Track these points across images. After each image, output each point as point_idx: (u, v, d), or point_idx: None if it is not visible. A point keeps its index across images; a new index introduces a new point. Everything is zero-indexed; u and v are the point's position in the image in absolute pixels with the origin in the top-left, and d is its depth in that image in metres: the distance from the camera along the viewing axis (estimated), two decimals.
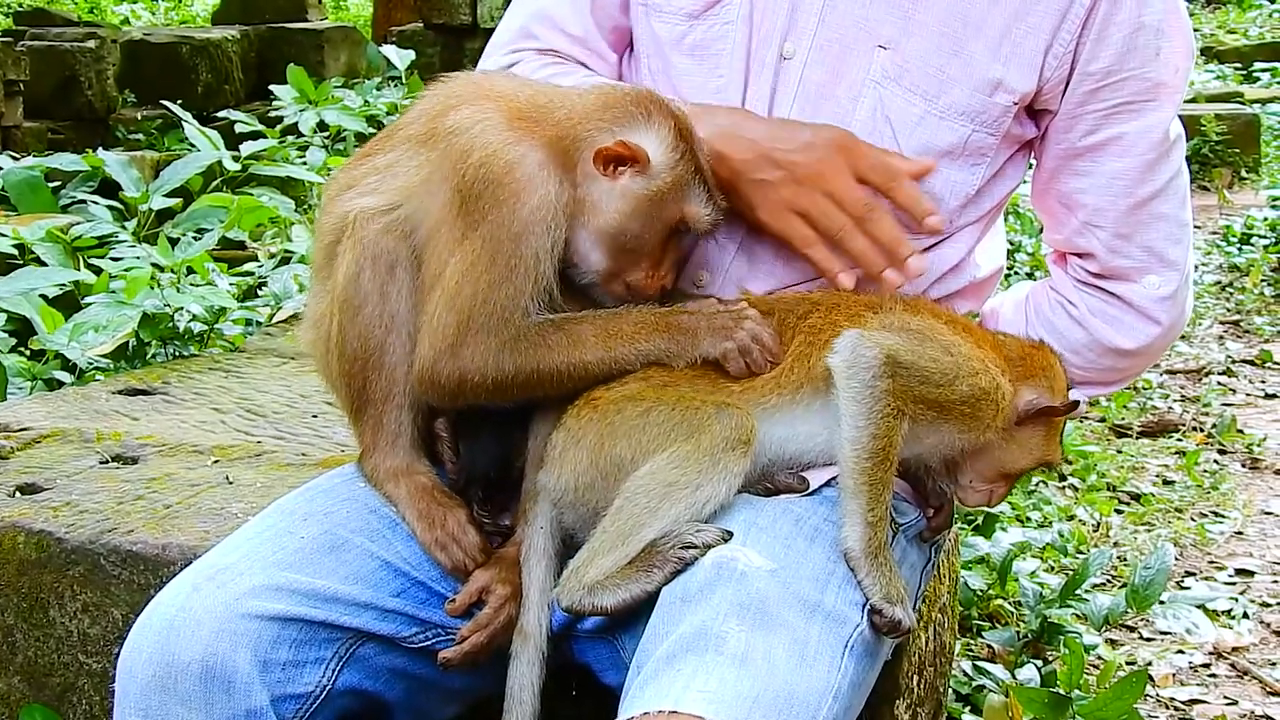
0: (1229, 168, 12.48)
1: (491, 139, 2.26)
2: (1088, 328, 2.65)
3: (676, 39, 2.60)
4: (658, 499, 2.18)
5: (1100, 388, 2.78)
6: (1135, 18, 2.48)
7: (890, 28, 2.47)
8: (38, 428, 3.44)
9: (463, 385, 2.26)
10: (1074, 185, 2.59)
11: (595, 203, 2.30)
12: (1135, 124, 2.53)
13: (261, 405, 3.77)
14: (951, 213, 2.54)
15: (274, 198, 7.44)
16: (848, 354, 2.26)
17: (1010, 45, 2.47)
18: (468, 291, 2.23)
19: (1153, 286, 2.61)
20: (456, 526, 2.35)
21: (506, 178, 2.23)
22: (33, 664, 2.86)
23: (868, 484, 2.22)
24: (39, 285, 5.15)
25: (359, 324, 2.34)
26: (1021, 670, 3.94)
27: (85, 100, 14.62)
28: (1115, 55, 2.49)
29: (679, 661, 1.99)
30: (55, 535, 2.82)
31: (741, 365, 2.27)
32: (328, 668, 2.24)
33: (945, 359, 2.30)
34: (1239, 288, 8.97)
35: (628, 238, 2.31)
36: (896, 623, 2.21)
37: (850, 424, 2.24)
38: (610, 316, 2.30)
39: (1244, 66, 16.43)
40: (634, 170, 2.29)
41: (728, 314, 2.30)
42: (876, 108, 2.48)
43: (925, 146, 2.48)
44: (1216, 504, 5.55)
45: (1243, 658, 4.27)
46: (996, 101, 2.48)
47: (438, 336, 2.25)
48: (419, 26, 15.41)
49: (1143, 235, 2.59)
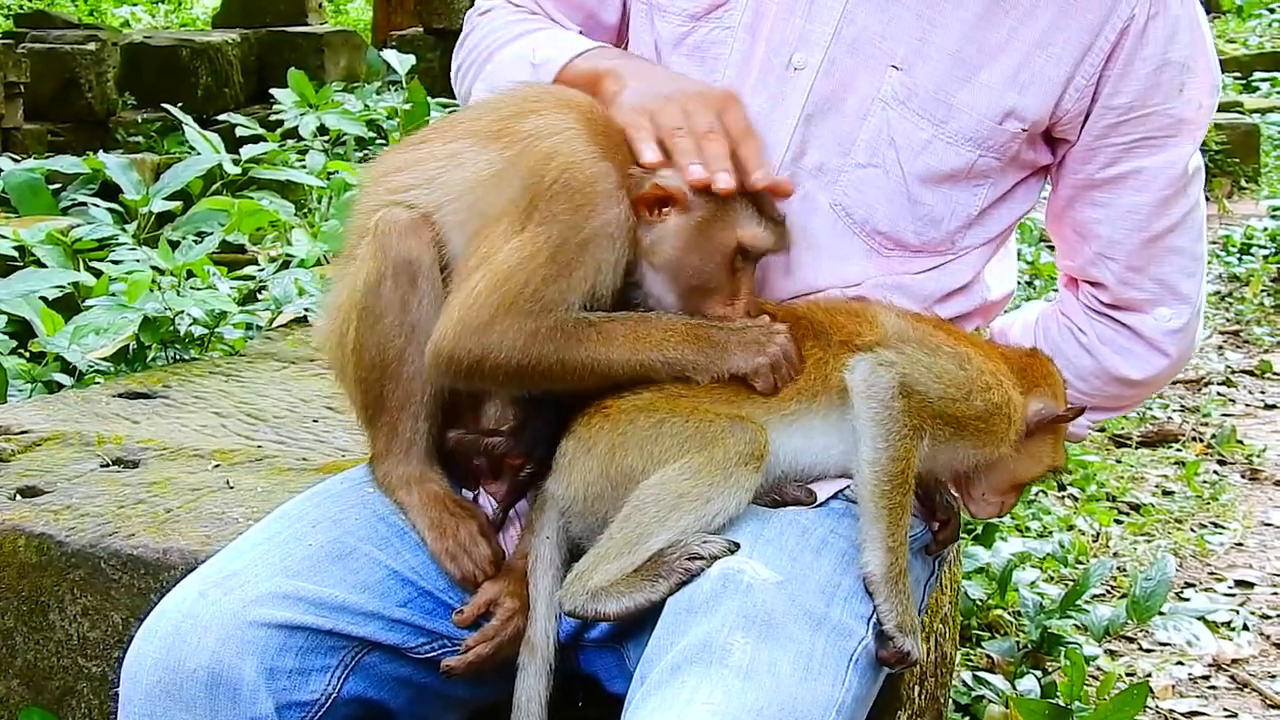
0: (1229, 177, 12.47)
1: (578, 148, 2.26)
2: (1096, 356, 2.64)
3: (678, 39, 2.59)
4: (667, 509, 2.18)
5: (1103, 413, 2.79)
6: (1161, 54, 2.45)
7: (905, 48, 2.45)
8: (38, 430, 3.43)
9: (481, 364, 2.23)
10: (1089, 215, 2.58)
11: (652, 246, 2.28)
12: (1155, 159, 2.51)
13: (262, 409, 3.77)
14: (953, 233, 2.52)
15: (274, 201, 7.43)
16: (865, 373, 2.25)
17: (1028, 73, 2.44)
18: (519, 276, 2.20)
19: (1164, 319, 2.60)
20: (468, 537, 2.34)
21: (588, 188, 2.23)
22: (32, 667, 2.86)
23: (887, 508, 2.22)
24: (39, 287, 5.14)
25: (378, 333, 2.33)
26: (1021, 681, 3.93)
27: (85, 103, 14.61)
28: (1139, 91, 2.46)
29: (683, 673, 1.98)
30: (56, 538, 2.81)
31: (771, 382, 2.25)
32: (333, 676, 2.24)
33: (959, 373, 2.30)
34: (1239, 298, 8.97)
35: (690, 272, 2.28)
36: (905, 654, 2.21)
37: (869, 446, 2.23)
38: (641, 320, 2.28)
39: (1244, 76, 16.42)
40: (677, 209, 2.27)
41: (758, 329, 2.28)
42: (882, 129, 2.46)
43: (929, 170, 2.46)
44: (1216, 515, 5.55)
45: (1242, 670, 4.26)
46: (1005, 129, 2.46)
47: (470, 312, 2.21)
48: (419, 31, 15.42)
49: (1156, 268, 2.57)
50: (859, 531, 2.25)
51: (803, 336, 2.32)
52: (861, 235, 2.49)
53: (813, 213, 2.49)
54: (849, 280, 2.49)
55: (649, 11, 2.64)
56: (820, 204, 2.49)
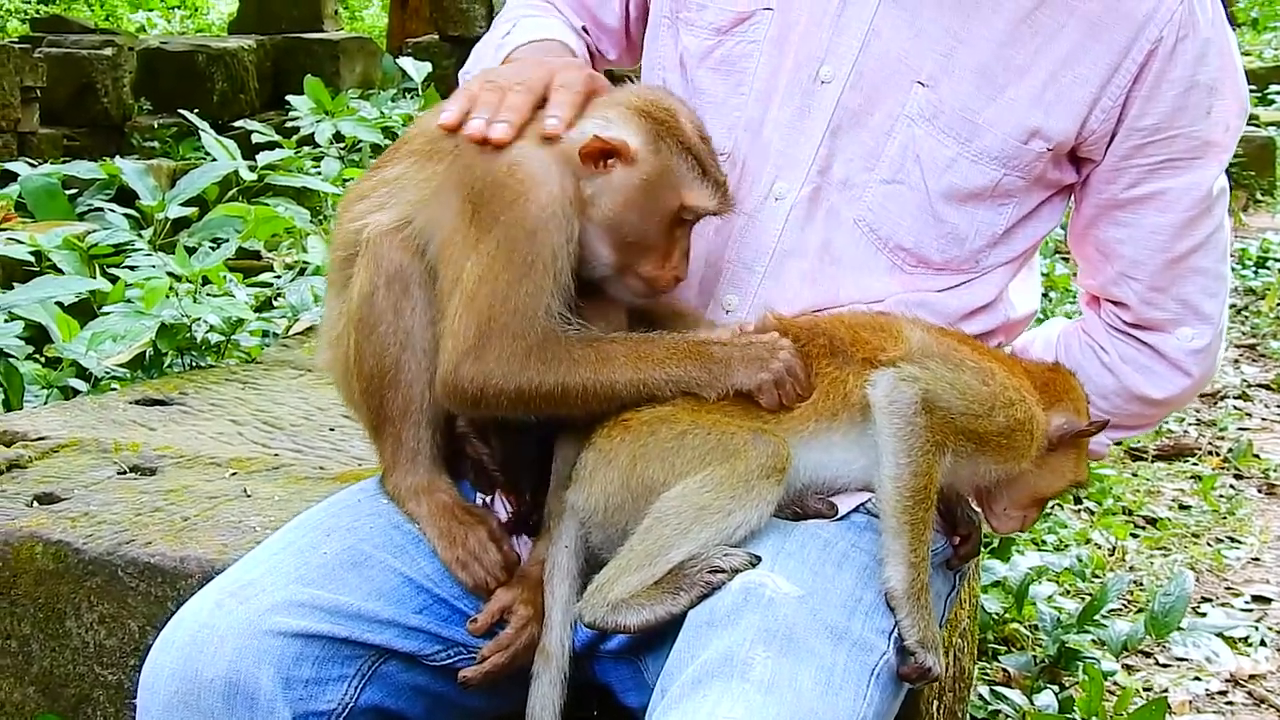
0: (1244, 190, 12.46)
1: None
2: (1118, 375, 2.63)
3: (704, 53, 2.59)
4: (689, 521, 2.16)
5: (1123, 432, 2.78)
6: (1190, 75, 2.44)
7: (932, 64, 2.44)
8: (55, 437, 3.43)
9: (485, 391, 2.23)
10: (1112, 235, 2.57)
11: (594, 197, 2.28)
12: (1180, 180, 2.49)
13: (279, 417, 3.76)
14: (978, 252, 2.51)
15: (290, 208, 7.43)
16: (887, 388, 2.24)
17: (1054, 93, 2.43)
18: (485, 291, 2.21)
19: (1186, 339, 2.59)
20: (477, 544, 2.34)
21: (513, 178, 2.23)
22: (48, 674, 2.85)
23: (909, 524, 2.21)
24: (56, 293, 5.14)
25: (374, 342, 2.34)
26: (1039, 696, 3.92)
27: (101, 108, 14.66)
28: (1166, 112, 2.45)
29: (704, 687, 1.97)
30: (73, 546, 2.81)
31: (775, 398, 2.24)
32: (350, 685, 2.23)
33: (982, 389, 2.29)
34: (1255, 311, 8.95)
35: (628, 229, 2.28)
36: (926, 670, 2.20)
37: (891, 461, 2.22)
38: (642, 339, 2.27)
39: (1259, 89, 16.41)
40: (622, 163, 2.27)
41: (762, 345, 2.27)
42: (908, 145, 2.45)
43: (953, 188, 2.45)
44: (1233, 529, 5.53)
45: (1259, 685, 4.24)
46: (1031, 148, 2.45)
47: (459, 340, 2.23)
48: (434, 38, 15.46)
49: (1179, 288, 2.57)
50: (881, 546, 2.24)
51: (820, 354, 2.31)
52: (885, 251, 2.48)
53: (837, 227, 2.48)
54: (871, 295, 2.48)
55: (673, 24, 2.64)
56: (844, 218, 2.48)
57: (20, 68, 13.10)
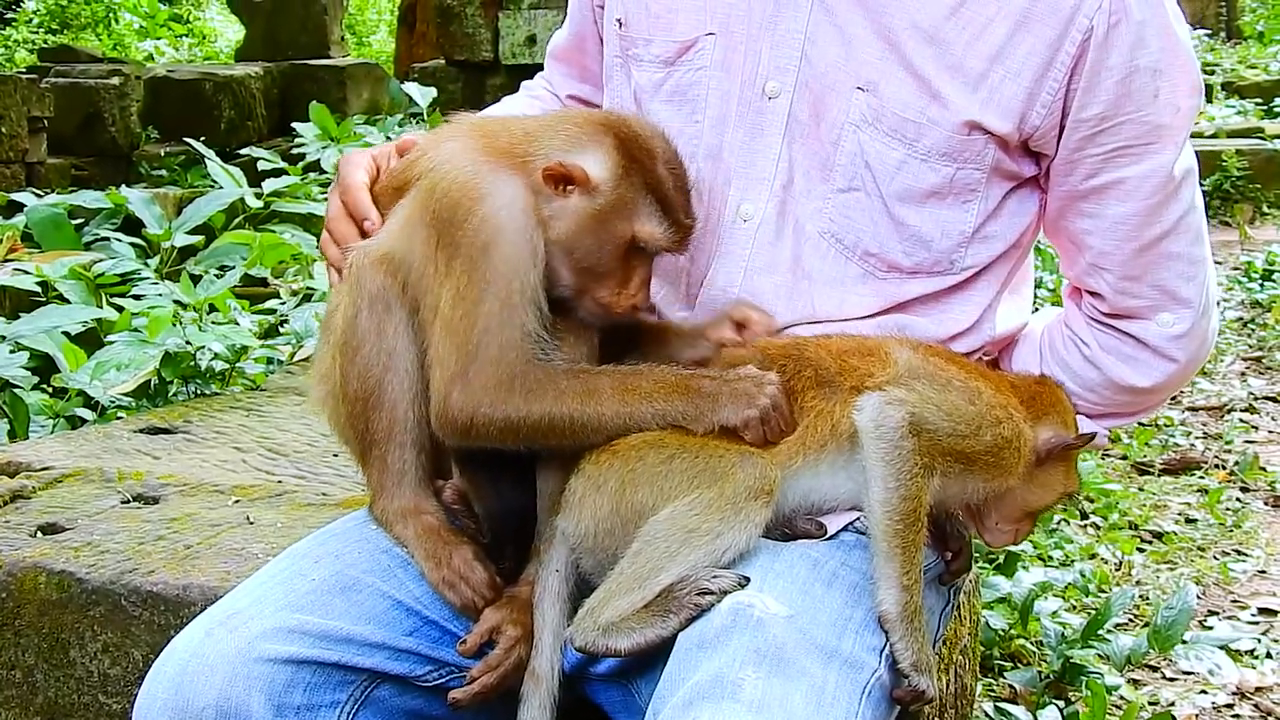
0: (1250, 203, 12.45)
1: (449, 167, 2.30)
2: (1101, 367, 2.61)
3: (655, 86, 2.61)
4: (678, 544, 2.17)
5: (1118, 419, 2.73)
6: (1128, 62, 2.40)
7: (868, 69, 2.44)
8: (59, 467, 3.45)
9: (475, 420, 2.24)
10: (1079, 226, 2.55)
11: (550, 220, 2.30)
12: (1136, 169, 2.46)
13: (283, 444, 3.79)
14: (949, 252, 2.50)
15: (296, 235, 7.47)
16: (873, 413, 2.25)
17: (988, 89, 2.42)
18: (459, 314, 2.23)
19: (1167, 325, 2.56)
20: (463, 564, 2.35)
21: (465, 195, 2.25)
22: (53, 704, 2.87)
23: (900, 547, 2.22)
24: (62, 323, 5.18)
25: (358, 364, 2.36)
26: (1044, 711, 3.92)
27: (109, 137, 14.75)
28: (1109, 101, 2.42)
29: (695, 709, 1.97)
30: (76, 575, 2.83)
31: (760, 434, 2.24)
32: (343, 711, 2.24)
33: (969, 409, 2.30)
34: (1261, 324, 8.94)
35: (581, 254, 2.31)
36: (921, 692, 2.20)
37: (879, 485, 2.23)
38: (629, 372, 2.29)
39: (1265, 102, 16.41)
40: (580, 190, 2.30)
41: (749, 380, 2.27)
42: (856, 152, 2.45)
43: (907, 190, 2.45)
44: (1239, 542, 5.52)
45: (1266, 698, 4.23)
46: (974, 139, 2.43)
47: (445, 368, 2.25)
48: (441, 63, 15.50)
49: (1153, 275, 2.54)
50: (873, 570, 2.25)
51: (808, 386, 2.31)
52: (854, 259, 2.49)
53: (804, 240, 2.50)
54: (848, 306, 2.49)
55: (624, 64, 2.68)
56: (810, 232, 2.49)
57: (28, 98, 13.19)
